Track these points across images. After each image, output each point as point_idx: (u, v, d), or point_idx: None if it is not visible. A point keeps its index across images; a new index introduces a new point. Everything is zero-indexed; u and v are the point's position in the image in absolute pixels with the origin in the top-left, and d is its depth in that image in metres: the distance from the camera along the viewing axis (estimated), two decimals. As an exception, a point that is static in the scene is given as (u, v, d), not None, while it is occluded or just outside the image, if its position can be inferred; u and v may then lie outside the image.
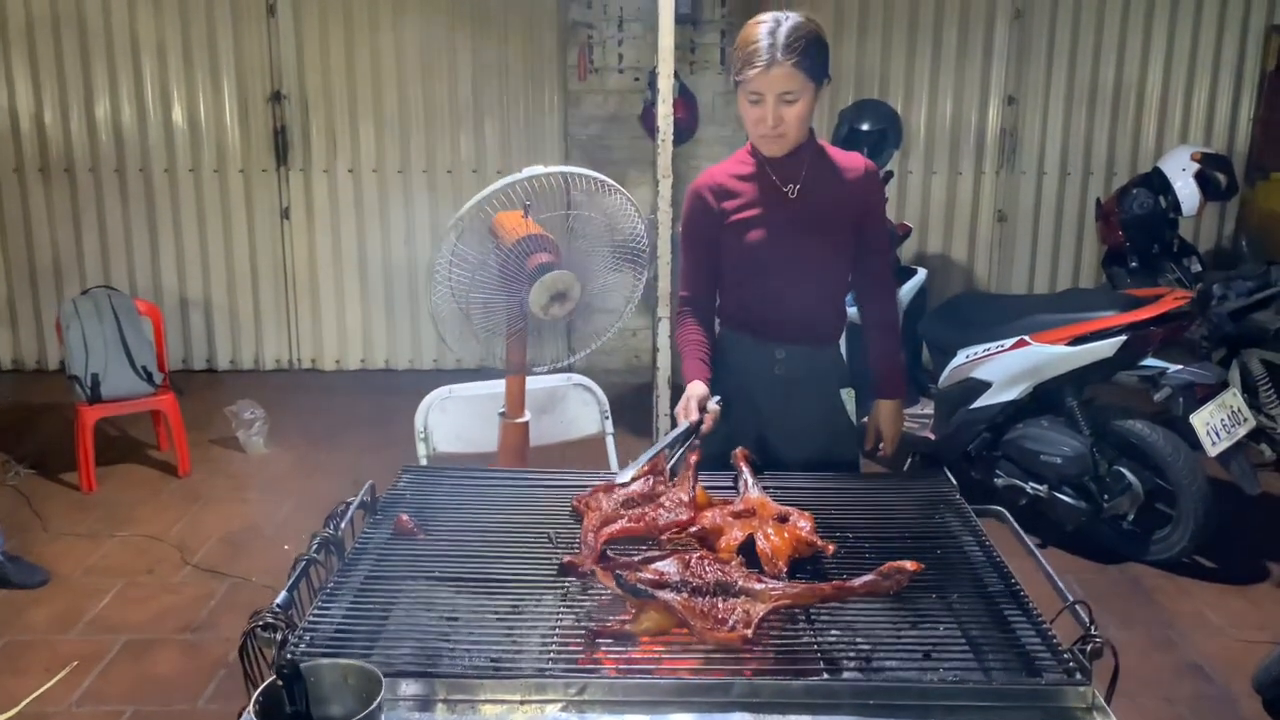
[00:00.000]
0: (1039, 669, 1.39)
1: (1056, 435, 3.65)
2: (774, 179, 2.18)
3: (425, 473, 2.04)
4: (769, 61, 1.99)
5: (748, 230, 2.20)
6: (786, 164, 2.17)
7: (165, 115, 5.74)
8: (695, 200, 2.26)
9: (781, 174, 2.18)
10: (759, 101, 2.05)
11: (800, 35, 2.01)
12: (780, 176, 2.18)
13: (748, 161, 2.23)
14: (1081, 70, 5.81)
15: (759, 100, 2.05)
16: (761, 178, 2.20)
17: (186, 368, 5.99)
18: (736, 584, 1.50)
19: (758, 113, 2.07)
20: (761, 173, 2.20)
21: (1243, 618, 3.33)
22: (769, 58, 1.99)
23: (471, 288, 2.16)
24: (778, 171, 2.18)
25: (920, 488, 1.98)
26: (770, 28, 2.02)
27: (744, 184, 2.22)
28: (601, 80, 5.61)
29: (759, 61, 2.00)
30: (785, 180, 2.18)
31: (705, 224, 2.24)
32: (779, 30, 2.01)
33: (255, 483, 4.42)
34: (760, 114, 2.06)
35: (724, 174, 2.25)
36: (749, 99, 2.07)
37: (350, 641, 1.44)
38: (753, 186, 2.21)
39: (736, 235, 2.21)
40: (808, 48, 2.01)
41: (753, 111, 2.08)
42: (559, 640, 1.43)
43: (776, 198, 2.18)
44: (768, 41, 2.00)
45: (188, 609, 3.34)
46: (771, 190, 2.19)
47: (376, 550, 1.70)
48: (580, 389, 2.81)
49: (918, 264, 5.02)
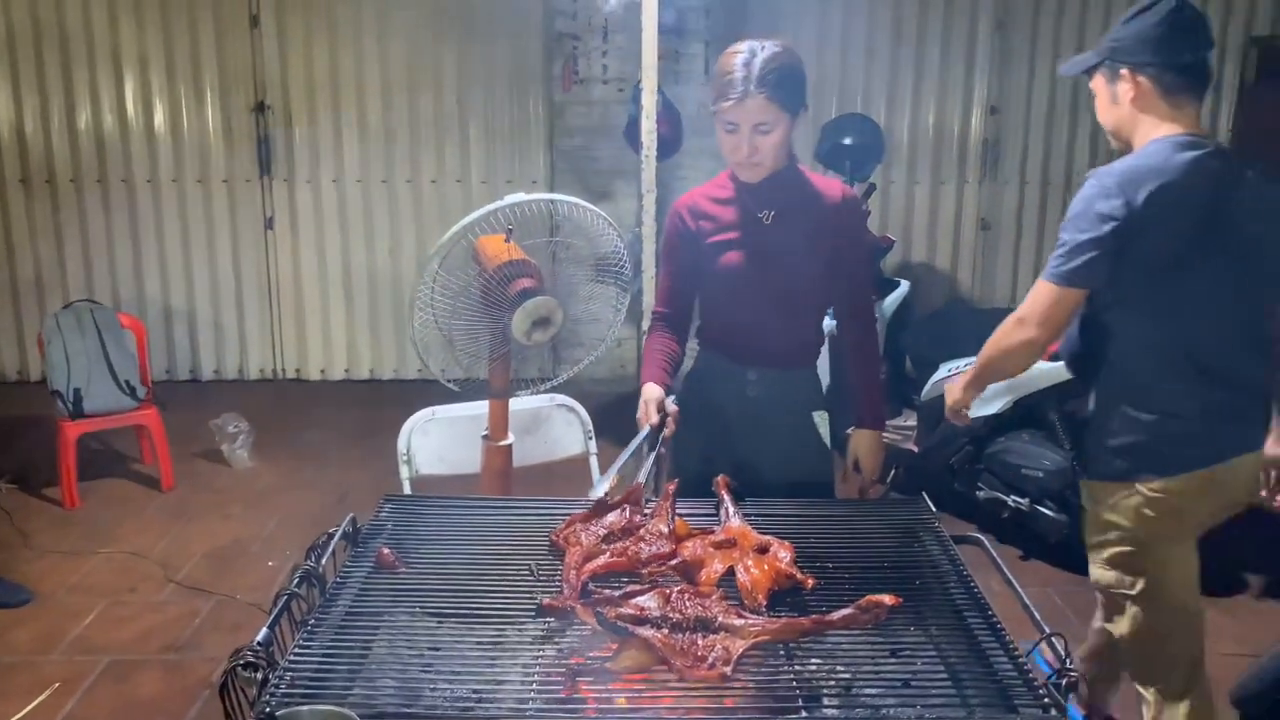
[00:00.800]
0: (1014, 703, 1.41)
1: (1038, 449, 3.68)
2: (749, 205, 2.21)
3: (407, 502, 2.04)
4: (743, 94, 2.01)
5: (722, 254, 2.22)
6: (763, 190, 2.19)
7: (148, 125, 5.72)
8: (674, 220, 2.30)
9: (757, 200, 2.20)
10: (734, 130, 2.07)
11: (774, 67, 2.02)
12: (756, 202, 2.20)
13: (726, 185, 2.26)
14: (1062, 81, 5.84)
15: (734, 129, 2.07)
16: (738, 202, 2.23)
17: (170, 378, 5.97)
18: (716, 620, 1.51)
19: (733, 141, 2.09)
20: (738, 198, 2.23)
21: (1221, 631, 3.35)
22: (743, 90, 2.01)
23: (454, 314, 2.16)
24: (754, 197, 2.20)
25: (900, 515, 1.99)
26: (745, 58, 2.03)
27: (721, 208, 2.24)
28: (586, 91, 5.62)
29: (733, 93, 2.02)
30: (760, 206, 2.20)
31: (682, 243, 2.29)
32: (754, 61, 2.02)
33: (240, 497, 4.41)
34: (735, 142, 2.09)
35: (703, 196, 2.28)
36: (725, 127, 2.09)
37: (331, 681, 1.44)
38: (729, 211, 2.23)
39: (711, 258, 2.24)
40: (781, 80, 2.03)
41: (728, 140, 2.10)
42: (539, 678, 1.44)
43: (751, 223, 2.21)
44: (742, 73, 2.02)
45: (171, 628, 3.33)
46: (746, 216, 2.21)
47: (357, 584, 1.70)
48: (564, 409, 2.82)
49: (901, 274, 5.06)
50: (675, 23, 5.37)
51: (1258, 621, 3.37)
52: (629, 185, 5.40)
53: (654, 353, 2.32)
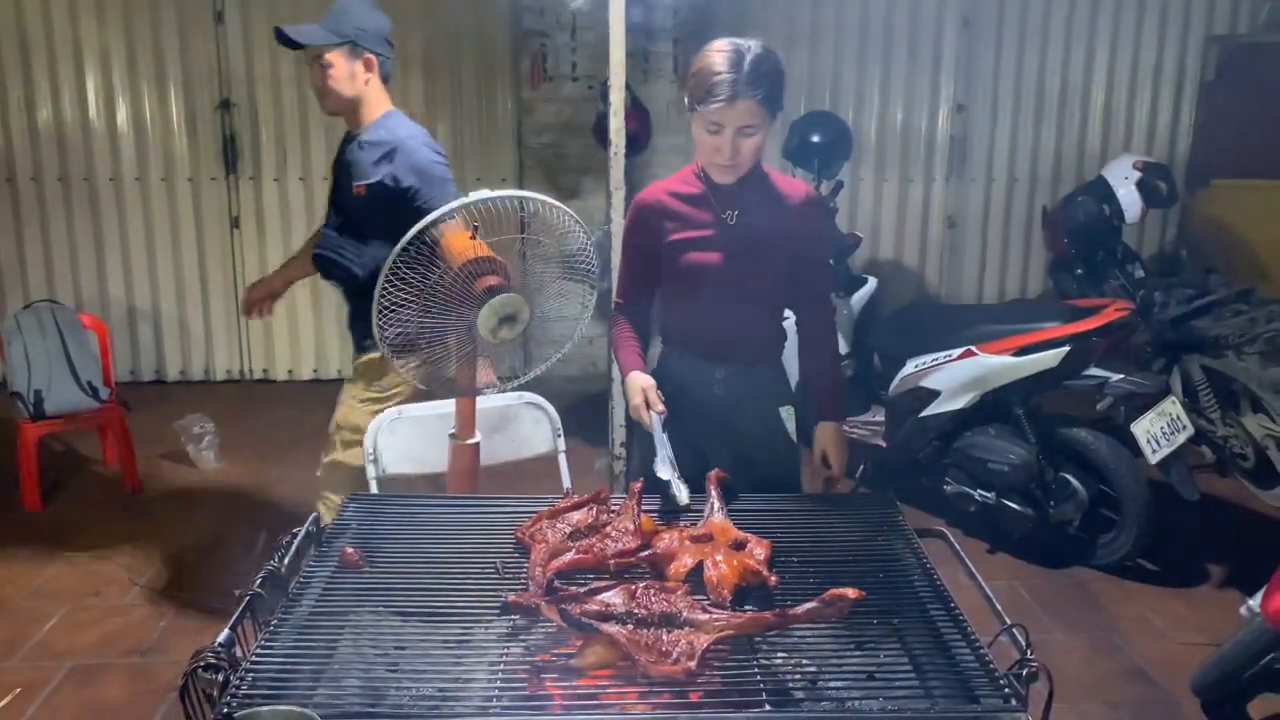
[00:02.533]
0: (976, 694, 1.42)
1: (1003, 444, 3.72)
2: (716, 204, 2.20)
3: (371, 502, 2.03)
4: (732, 96, 1.97)
5: (685, 252, 2.22)
6: (730, 190, 2.18)
7: (110, 123, 5.65)
8: (635, 214, 2.29)
9: (722, 200, 2.19)
10: (717, 132, 2.04)
11: (765, 70, 1.99)
12: (721, 202, 2.20)
13: (692, 182, 2.24)
14: (1028, 79, 5.92)
15: (717, 131, 2.04)
16: (703, 201, 2.21)
17: (135, 379, 5.90)
18: (682, 615, 1.51)
19: (715, 142, 2.06)
20: (703, 196, 2.21)
21: (1183, 620, 3.41)
22: (732, 92, 1.97)
23: (418, 311, 2.14)
24: (719, 197, 2.20)
25: (865, 511, 2.00)
26: (733, 59, 1.98)
27: (685, 205, 2.23)
28: (555, 88, 5.61)
29: (721, 93, 1.97)
30: (725, 206, 2.19)
31: (642, 238, 2.28)
32: (743, 62, 1.98)
33: (206, 498, 4.36)
34: (717, 144, 2.05)
35: (666, 192, 2.26)
36: (707, 128, 2.05)
37: (294, 681, 1.43)
38: (693, 209, 2.22)
39: (674, 256, 2.23)
40: (772, 83, 2.00)
41: (710, 141, 2.06)
42: (504, 675, 1.44)
43: (715, 223, 2.20)
44: (731, 76, 1.97)
45: (136, 632, 3.29)
46: (710, 215, 2.20)
47: (321, 584, 1.69)
48: (532, 407, 2.81)
49: (869, 271, 5.08)
50: (644, 20, 5.37)
51: (1217, 611, 3.43)
52: (598, 183, 5.40)
53: (627, 340, 2.32)
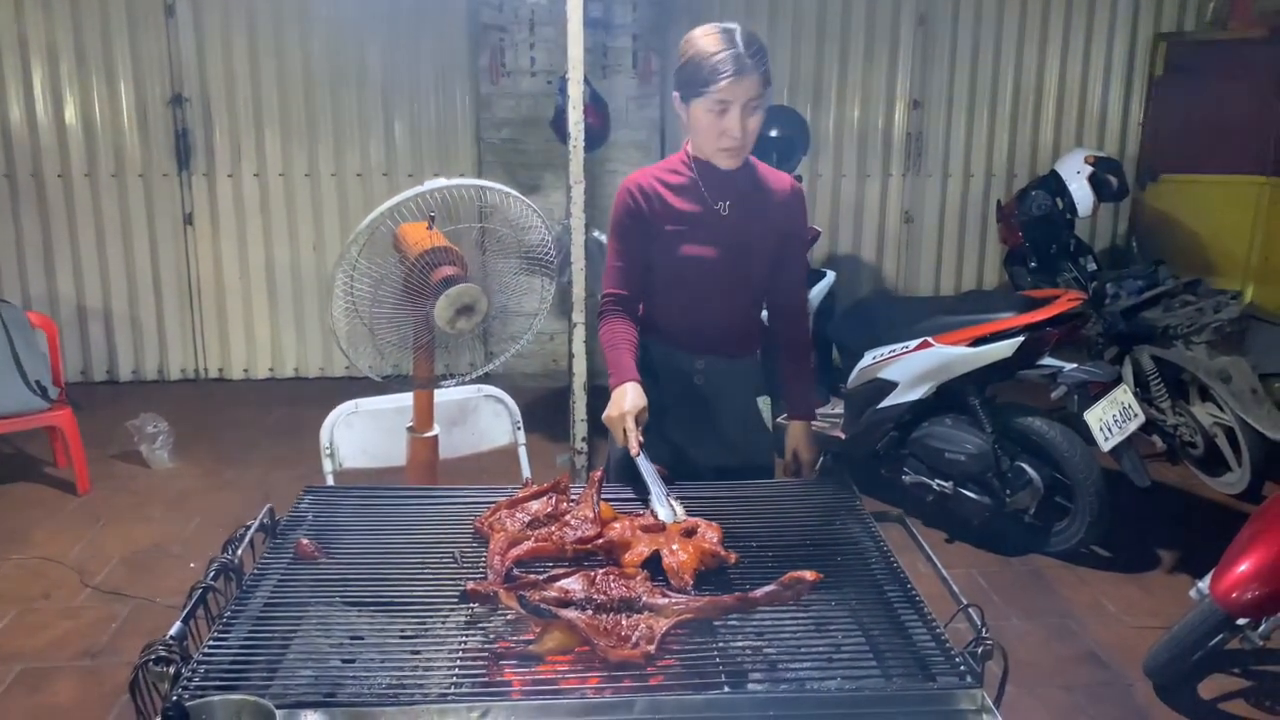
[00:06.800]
0: (932, 673, 1.44)
1: (960, 433, 3.76)
2: (707, 194, 2.16)
3: (327, 493, 2.00)
4: (738, 70, 1.96)
5: (676, 242, 2.17)
6: (721, 180, 2.15)
7: (58, 118, 5.53)
8: (628, 199, 2.18)
9: (715, 190, 2.16)
10: (725, 111, 2.01)
11: (758, 45, 2.01)
12: (713, 193, 2.16)
13: (682, 172, 2.18)
14: (983, 75, 5.99)
15: (725, 110, 2.01)
16: (694, 191, 2.16)
17: (86, 380, 5.79)
18: (640, 600, 1.52)
19: (724, 124, 2.02)
20: (695, 186, 2.16)
21: (1136, 605, 3.48)
22: (737, 66, 1.96)
23: (374, 302, 2.12)
24: (711, 187, 2.16)
25: (823, 495, 2.02)
26: (726, 38, 1.99)
27: (677, 195, 2.17)
28: (514, 83, 5.58)
29: (727, 68, 1.96)
30: (717, 197, 2.16)
31: (637, 224, 2.18)
32: (736, 38, 1.99)
33: (159, 499, 4.28)
34: (725, 125, 2.02)
35: (656, 180, 2.19)
36: (714, 109, 2.01)
37: (247, 673, 1.41)
38: (686, 199, 2.17)
39: (665, 246, 2.18)
40: (766, 57, 2.03)
41: (718, 123, 2.03)
42: (462, 663, 1.43)
43: (708, 215, 2.16)
44: (732, 51, 1.97)
45: (87, 634, 3.22)
46: (703, 206, 2.16)
47: (276, 575, 1.67)
48: (491, 400, 2.80)
49: (827, 266, 5.13)
50: (603, 16, 5.37)
51: (1169, 595, 3.50)
52: (558, 178, 5.38)
53: (620, 341, 2.18)
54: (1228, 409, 4.10)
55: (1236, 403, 4.02)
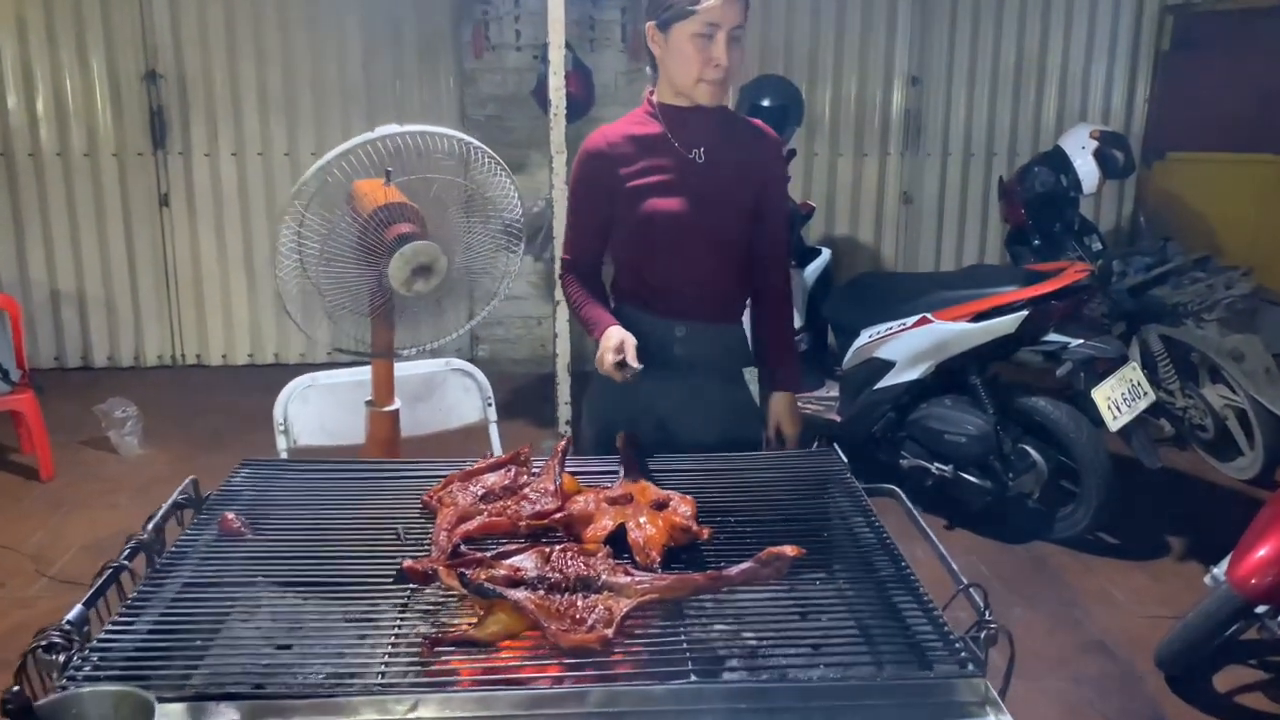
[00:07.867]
0: (930, 660, 1.27)
1: (960, 414, 3.59)
2: (679, 141, 2.00)
3: (266, 466, 1.83)
4: None
5: (648, 197, 2.01)
6: (692, 127, 2.00)
7: (28, 96, 5.36)
8: (590, 160, 2.05)
9: (686, 138, 2.00)
10: (710, 36, 1.88)
11: None
12: (685, 141, 2.00)
13: (647, 122, 2.03)
14: (983, 50, 5.81)
15: (710, 36, 1.88)
16: (664, 141, 2.01)
17: (60, 365, 5.62)
18: (600, 578, 1.34)
19: (707, 53, 1.89)
20: (662, 136, 2.01)
21: (1145, 593, 3.31)
22: None
23: (320, 260, 1.95)
24: (682, 135, 2.00)
25: (809, 466, 1.85)
26: None
27: (645, 147, 2.01)
28: (499, 58, 5.41)
29: None
30: (690, 145, 2.01)
31: (598, 186, 2.04)
32: None
33: (126, 486, 4.12)
34: (710, 53, 1.89)
35: (620, 135, 2.04)
36: (700, 36, 1.88)
37: (148, 661, 1.24)
38: (652, 150, 2.01)
39: (634, 202, 2.02)
40: None
41: (702, 52, 1.89)
42: (392, 652, 1.25)
43: (681, 163, 2.00)
44: None
45: (40, 624, 3.04)
46: (676, 155, 2.00)
47: (197, 554, 1.50)
48: (459, 374, 2.62)
49: (824, 245, 4.95)
50: (590, -12, 5.19)
51: (1179, 583, 3.33)
52: (545, 156, 5.19)
53: (587, 299, 2.07)
54: (1240, 390, 3.93)
55: (1250, 383, 3.85)
